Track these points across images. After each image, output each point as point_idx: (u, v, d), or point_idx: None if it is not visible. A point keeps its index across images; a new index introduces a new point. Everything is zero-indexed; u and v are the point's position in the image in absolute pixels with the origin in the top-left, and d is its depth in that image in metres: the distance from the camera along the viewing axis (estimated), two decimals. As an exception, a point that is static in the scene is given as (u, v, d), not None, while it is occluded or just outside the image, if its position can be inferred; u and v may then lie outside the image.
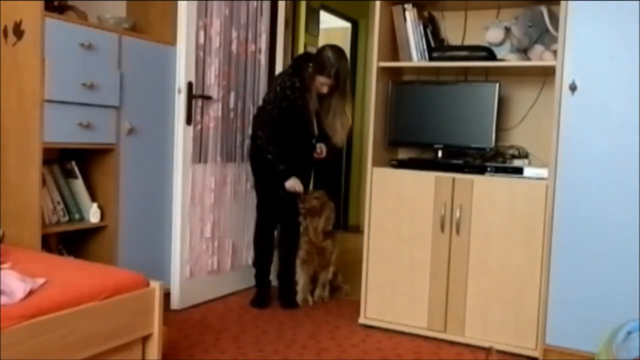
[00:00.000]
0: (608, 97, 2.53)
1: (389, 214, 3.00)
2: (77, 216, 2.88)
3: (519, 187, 2.74)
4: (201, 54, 3.22)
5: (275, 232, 3.54)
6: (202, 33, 3.21)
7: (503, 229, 2.76)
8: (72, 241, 2.93)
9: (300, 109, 3.26)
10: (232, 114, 3.49)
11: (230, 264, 3.55)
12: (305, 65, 3.26)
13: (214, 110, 3.35)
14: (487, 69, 3.02)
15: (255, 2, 3.58)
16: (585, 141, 2.57)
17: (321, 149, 3.53)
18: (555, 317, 2.64)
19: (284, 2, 3.89)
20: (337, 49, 3.24)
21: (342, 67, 3.20)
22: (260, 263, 3.47)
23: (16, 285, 1.81)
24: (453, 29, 3.25)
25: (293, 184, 3.31)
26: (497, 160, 3.01)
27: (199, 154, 3.28)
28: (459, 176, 2.86)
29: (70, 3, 2.87)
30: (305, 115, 3.29)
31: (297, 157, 3.35)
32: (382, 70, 3.06)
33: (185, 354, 2.60)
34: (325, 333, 2.98)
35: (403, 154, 3.32)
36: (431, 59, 3.00)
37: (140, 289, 2.15)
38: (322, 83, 3.19)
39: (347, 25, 6.05)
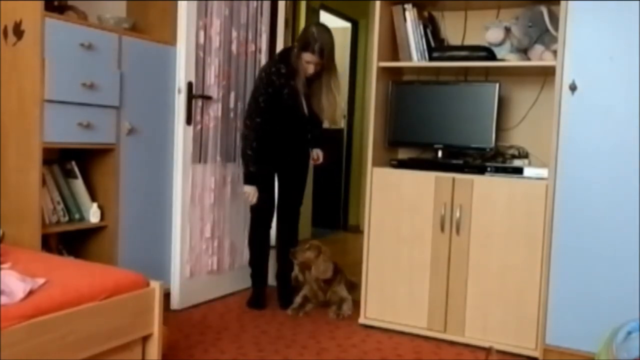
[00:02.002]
0: (608, 97, 2.53)
1: (389, 214, 3.00)
2: (77, 216, 2.88)
3: (519, 187, 2.74)
4: (201, 54, 3.22)
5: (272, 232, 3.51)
6: (202, 33, 3.21)
7: (503, 229, 2.76)
8: (72, 241, 2.94)
9: (288, 95, 3.17)
10: (232, 114, 3.49)
11: (230, 264, 3.55)
12: (291, 52, 3.19)
13: (214, 110, 3.35)
14: (487, 69, 3.02)
15: (255, 2, 3.58)
16: (585, 141, 2.57)
17: (318, 155, 3.50)
18: (555, 317, 2.64)
19: (284, 2, 3.89)
20: (321, 26, 3.19)
21: (327, 42, 3.09)
22: (256, 263, 3.43)
23: (16, 285, 1.81)
24: (453, 29, 3.25)
25: (252, 192, 3.21)
26: (497, 160, 3.01)
27: (199, 154, 3.28)
28: (459, 176, 2.86)
29: (70, 3, 2.87)
30: (293, 100, 3.19)
31: (291, 144, 3.31)
32: (382, 70, 3.06)
33: (185, 354, 2.60)
34: (325, 333, 2.98)
35: (403, 154, 3.32)
36: (431, 59, 3.00)
37: (140, 289, 2.15)
38: (308, 61, 3.08)
39: (347, 25, 6.05)
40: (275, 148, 3.26)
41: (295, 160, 3.39)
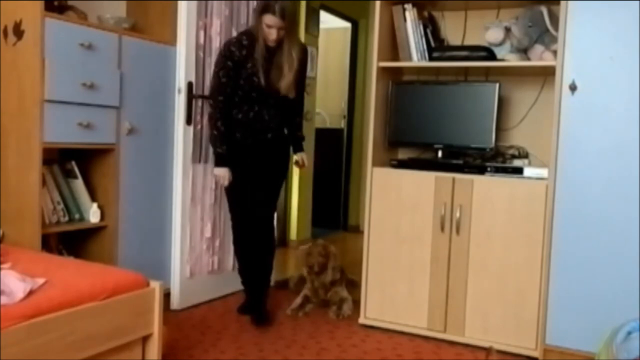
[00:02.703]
0: (608, 97, 2.53)
1: (389, 214, 3.00)
2: (77, 216, 2.88)
3: (519, 187, 2.74)
4: (201, 54, 3.22)
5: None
6: (202, 33, 3.21)
7: (503, 229, 2.76)
8: (72, 241, 2.94)
9: (252, 69, 2.88)
10: (232, 114, 3.48)
11: (230, 263, 3.54)
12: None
13: (214, 110, 3.35)
14: (487, 69, 3.02)
15: (255, 2, 3.58)
16: (585, 141, 2.57)
17: (302, 159, 3.22)
18: (555, 317, 2.64)
19: (284, 2, 3.88)
20: None
21: (288, 3, 2.83)
22: (245, 271, 3.17)
23: (16, 285, 1.81)
24: (453, 29, 3.25)
25: (223, 174, 2.95)
26: (497, 160, 3.01)
27: (199, 154, 3.27)
28: (459, 176, 2.86)
29: (70, 3, 2.88)
30: (258, 76, 2.88)
31: (264, 126, 2.97)
32: (382, 70, 3.06)
33: (185, 354, 2.60)
34: (325, 333, 2.98)
35: (403, 154, 3.32)
36: (431, 59, 3.00)
37: (140, 289, 2.15)
38: (269, 25, 2.80)
39: (347, 25, 6.05)
40: (246, 130, 2.96)
41: (272, 147, 3.03)
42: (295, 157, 3.25)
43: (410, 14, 3.00)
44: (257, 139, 2.98)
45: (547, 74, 2.91)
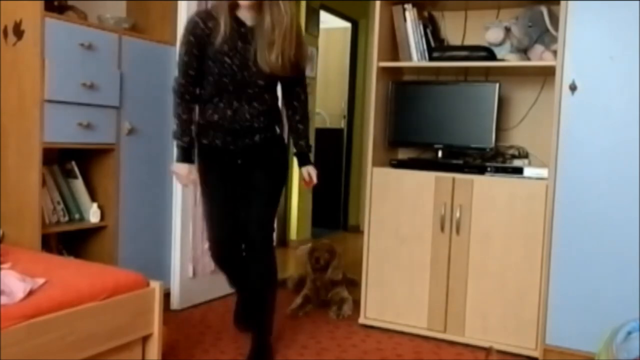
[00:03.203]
0: (608, 97, 2.53)
1: (389, 214, 3.00)
2: (77, 216, 2.88)
3: (519, 187, 2.74)
4: (201, 54, 3.21)
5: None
6: (202, 33, 3.19)
7: (503, 229, 2.76)
8: (72, 241, 2.94)
9: (221, 45, 2.25)
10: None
11: (230, 264, 3.55)
12: None
13: (214, 110, 3.35)
14: (487, 69, 3.02)
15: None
16: (585, 141, 2.57)
17: (309, 174, 2.59)
18: (555, 317, 2.64)
19: (284, 2, 3.87)
20: None
21: None
22: (234, 283, 2.73)
23: (16, 285, 1.81)
24: (453, 29, 3.25)
25: (181, 172, 2.40)
26: (497, 160, 3.01)
27: (199, 154, 3.27)
28: (459, 176, 2.86)
29: (70, 3, 2.88)
30: (230, 56, 2.27)
31: (244, 117, 2.34)
32: (382, 70, 3.06)
33: (185, 354, 2.60)
34: (325, 333, 2.98)
35: (403, 154, 3.32)
36: (431, 59, 3.00)
37: (140, 289, 2.15)
38: None
39: (347, 25, 6.06)
40: (226, 134, 2.37)
41: (260, 152, 2.42)
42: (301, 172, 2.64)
43: (410, 14, 3.00)
44: (241, 143, 2.39)
45: (547, 74, 2.91)
